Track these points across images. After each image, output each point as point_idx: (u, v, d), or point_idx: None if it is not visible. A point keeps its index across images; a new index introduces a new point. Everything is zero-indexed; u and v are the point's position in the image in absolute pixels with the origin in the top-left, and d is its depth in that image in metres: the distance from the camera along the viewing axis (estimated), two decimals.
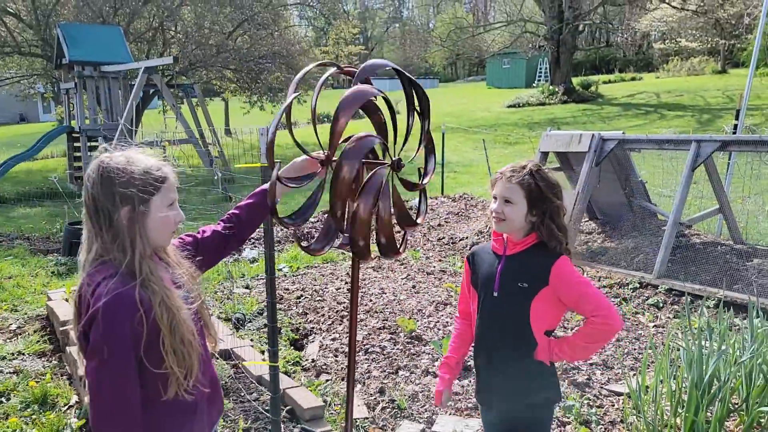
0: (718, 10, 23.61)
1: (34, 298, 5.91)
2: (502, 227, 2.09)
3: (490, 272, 2.13)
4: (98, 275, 1.53)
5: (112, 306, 1.47)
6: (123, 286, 1.50)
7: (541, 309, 2.04)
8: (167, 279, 1.62)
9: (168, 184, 1.62)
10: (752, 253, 5.90)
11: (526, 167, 2.06)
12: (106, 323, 1.46)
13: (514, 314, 2.07)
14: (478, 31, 35.16)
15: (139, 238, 1.56)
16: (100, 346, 1.46)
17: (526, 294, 2.04)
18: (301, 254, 7.00)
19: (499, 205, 2.06)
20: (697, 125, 17.12)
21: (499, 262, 2.12)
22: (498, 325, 2.11)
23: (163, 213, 1.61)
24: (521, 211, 2.04)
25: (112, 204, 1.54)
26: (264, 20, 20.56)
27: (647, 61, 42.48)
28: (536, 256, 2.05)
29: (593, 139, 6.29)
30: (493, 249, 2.17)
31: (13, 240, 8.52)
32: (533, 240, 2.08)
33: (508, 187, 2.05)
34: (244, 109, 24.40)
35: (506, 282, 2.08)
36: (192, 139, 12.38)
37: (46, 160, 20.25)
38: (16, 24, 18.47)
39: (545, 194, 2.04)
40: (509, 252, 2.11)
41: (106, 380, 1.48)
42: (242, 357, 4.09)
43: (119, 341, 1.47)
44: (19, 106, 37.97)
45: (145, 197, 1.56)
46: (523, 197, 2.04)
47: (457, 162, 14.75)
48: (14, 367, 4.31)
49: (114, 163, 1.56)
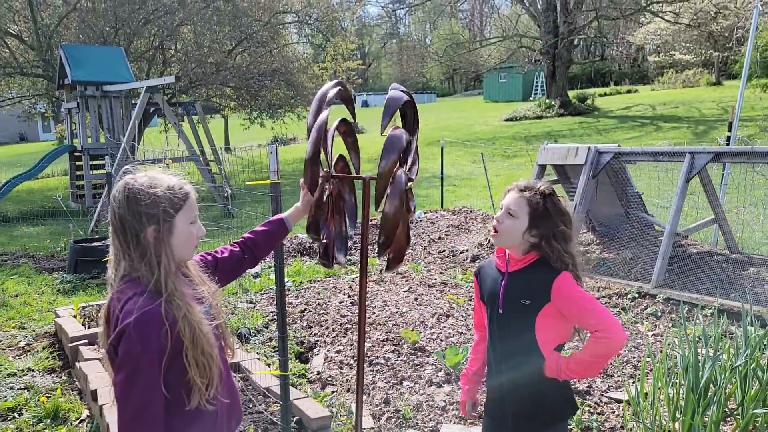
0: (711, 23, 23.92)
1: (42, 316, 5.99)
2: (497, 239, 2.10)
3: (494, 289, 2.14)
4: (127, 292, 1.61)
5: (141, 323, 1.54)
6: (150, 303, 1.58)
7: (546, 325, 2.04)
8: (189, 295, 1.70)
9: (190, 201, 1.71)
10: (748, 262, 6.00)
11: (540, 187, 2.07)
12: (134, 339, 1.54)
13: (520, 330, 2.08)
14: (475, 46, 35.49)
15: (164, 256, 1.64)
16: (129, 360, 1.55)
17: (529, 310, 2.04)
18: (303, 269, 7.09)
19: (501, 215, 2.06)
20: (693, 137, 17.29)
21: (502, 278, 2.12)
22: (506, 341, 2.12)
23: (187, 229, 1.70)
24: (521, 226, 2.03)
25: (138, 223, 1.62)
26: (263, 38, 20.79)
27: (642, 73, 42.88)
28: (538, 273, 2.05)
29: (590, 151, 6.42)
30: (497, 265, 2.18)
31: (18, 259, 8.60)
32: (534, 257, 2.07)
33: (515, 199, 2.05)
34: (244, 125, 24.59)
35: (510, 299, 2.09)
36: (194, 156, 12.51)
37: (47, 179, 20.38)
38: (18, 45, 18.67)
39: (550, 216, 2.03)
40: (511, 269, 2.11)
41: (133, 392, 1.56)
42: (250, 369, 4.17)
43: (147, 356, 1.55)
44: (20, 125, 38.19)
45: (169, 215, 1.65)
46: (527, 213, 2.03)
47: (456, 175, 14.89)
48: (25, 383, 4.38)
49: (138, 184, 1.64)
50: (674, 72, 34.57)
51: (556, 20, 26.50)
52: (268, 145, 2.73)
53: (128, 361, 1.55)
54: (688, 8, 23.70)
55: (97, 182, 14.01)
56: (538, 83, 36.57)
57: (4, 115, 28.92)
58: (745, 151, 5.57)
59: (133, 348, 1.54)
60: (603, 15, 26.11)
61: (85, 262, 7.32)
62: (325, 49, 28.66)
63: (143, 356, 1.55)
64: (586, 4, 26.88)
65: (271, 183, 2.62)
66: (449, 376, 4.13)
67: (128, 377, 1.56)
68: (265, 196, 2.74)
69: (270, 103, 21.75)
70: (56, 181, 19.53)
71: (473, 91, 54.69)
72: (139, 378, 1.56)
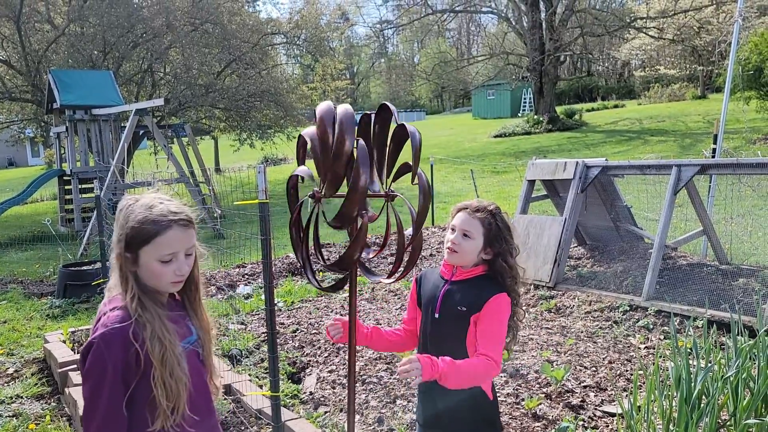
0: (695, 38, 24.31)
1: (30, 342, 5.92)
2: (454, 258, 2.18)
3: (433, 294, 2.23)
4: (110, 305, 1.67)
5: (106, 338, 1.58)
6: (122, 319, 1.61)
7: (472, 332, 2.14)
8: (172, 318, 1.70)
9: (163, 238, 1.64)
10: (737, 272, 6.04)
11: (489, 206, 2.19)
12: (99, 352, 1.57)
13: (453, 337, 2.17)
14: (462, 64, 35.85)
15: (130, 280, 1.66)
16: (93, 373, 1.58)
17: (463, 318, 2.14)
18: (295, 288, 7.07)
19: (457, 237, 2.16)
20: (679, 150, 17.47)
21: (443, 285, 2.22)
22: (437, 347, 2.19)
23: (152, 265, 1.65)
24: (477, 246, 2.15)
25: (113, 242, 1.68)
26: (252, 60, 20.92)
27: (629, 88, 43.43)
28: (481, 285, 2.16)
29: (578, 166, 6.47)
30: (441, 273, 2.27)
31: (6, 284, 8.52)
32: (481, 270, 2.19)
33: (470, 222, 2.15)
34: (234, 146, 24.61)
35: (447, 305, 2.18)
36: (184, 178, 12.50)
37: (37, 203, 20.26)
38: (7, 70, 18.69)
39: (503, 234, 2.16)
40: (455, 278, 2.21)
41: (96, 405, 1.59)
42: (241, 391, 4.13)
43: (110, 372, 1.57)
44: (8, 150, 38.07)
45: (131, 247, 1.65)
46: (482, 234, 2.15)
47: (446, 192, 14.94)
48: (13, 410, 4.32)
49: (126, 205, 1.68)
50: (660, 86, 35.04)
51: (542, 37, 26.85)
52: (258, 165, 2.73)
53: (92, 373, 1.58)
54: (672, 24, 24.08)
55: (86, 206, 13.94)
56: (526, 99, 36.92)
57: None
58: (730, 163, 5.63)
59: (98, 361, 1.57)
60: (588, 32, 26.48)
61: (74, 287, 7.26)
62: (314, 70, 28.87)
63: (106, 371, 1.57)
64: (572, 21, 27.27)
65: (259, 203, 2.63)
66: None
67: (92, 390, 1.59)
68: (255, 216, 2.74)
69: (260, 124, 21.84)
70: (45, 206, 19.42)
71: (462, 109, 55.10)
72: (102, 392, 1.58)
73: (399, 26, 33.82)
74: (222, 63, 20.84)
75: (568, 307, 5.83)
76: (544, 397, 3.96)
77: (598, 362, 4.54)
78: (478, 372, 2.03)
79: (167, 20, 17.96)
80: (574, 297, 5.97)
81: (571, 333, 5.18)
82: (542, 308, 5.87)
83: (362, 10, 72.30)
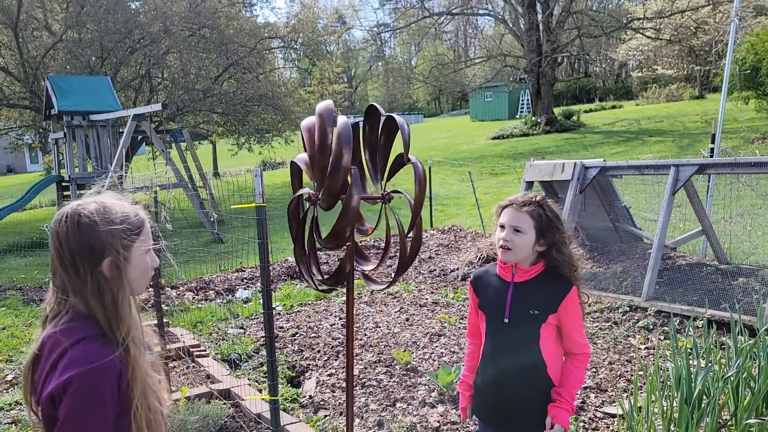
0: (692, 38, 24.33)
1: (29, 348, 5.89)
2: (509, 256, 2.14)
3: (499, 298, 2.19)
4: (75, 333, 1.41)
5: (93, 375, 1.35)
6: (106, 351, 1.39)
7: (546, 335, 2.14)
8: (140, 340, 1.52)
9: (146, 229, 1.54)
10: (736, 272, 6.04)
11: (535, 198, 2.16)
12: (85, 394, 1.34)
13: (526, 340, 2.15)
14: (459, 66, 35.88)
15: (122, 291, 1.46)
16: (77, 419, 1.34)
17: (536, 320, 2.12)
18: (294, 292, 7.06)
19: (508, 234, 2.11)
20: (678, 150, 17.48)
21: (508, 288, 2.18)
22: (510, 350, 2.18)
23: (143, 260, 1.52)
24: (530, 240, 2.11)
25: (91, 255, 1.42)
26: (249, 64, 20.94)
27: (626, 89, 43.48)
28: (547, 284, 2.14)
29: (576, 167, 6.47)
30: (500, 274, 2.22)
31: (5, 291, 8.50)
32: (541, 268, 2.16)
33: (519, 216, 2.12)
34: (232, 150, 24.61)
35: (517, 309, 2.15)
36: (182, 183, 12.50)
37: (35, 210, 20.24)
38: (5, 77, 18.69)
39: (554, 224, 2.12)
40: (518, 279, 2.17)
41: None
42: (240, 396, 4.12)
43: (99, 415, 1.37)
44: (7, 157, 38.07)
45: (126, 246, 1.47)
46: (533, 227, 2.11)
47: (444, 195, 14.93)
48: (12, 417, 4.30)
49: (88, 212, 1.45)
50: (657, 87, 35.08)
51: (539, 39, 26.86)
52: (254, 168, 2.73)
53: (77, 418, 1.34)
54: (669, 24, 24.11)
55: None
56: (523, 101, 36.95)
57: None
58: (728, 162, 5.63)
59: (83, 404, 1.34)
60: (585, 33, 26.51)
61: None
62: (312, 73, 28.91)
63: (95, 415, 1.35)
64: (569, 22, 27.30)
65: (256, 206, 2.62)
66: (442, 396, 4.10)
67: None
68: (253, 220, 2.73)
69: (257, 128, 21.86)
70: (44, 212, 19.40)
71: (460, 111, 55.15)
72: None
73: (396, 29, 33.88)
74: (219, 67, 20.85)
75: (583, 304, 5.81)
76: None
77: (598, 363, 4.53)
78: (582, 377, 2.17)
79: (164, 25, 17.98)
80: (588, 295, 5.95)
81: None
82: None
83: (359, 14, 72.43)
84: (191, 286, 7.65)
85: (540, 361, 2.14)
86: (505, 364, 2.19)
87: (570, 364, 2.15)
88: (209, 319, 6.26)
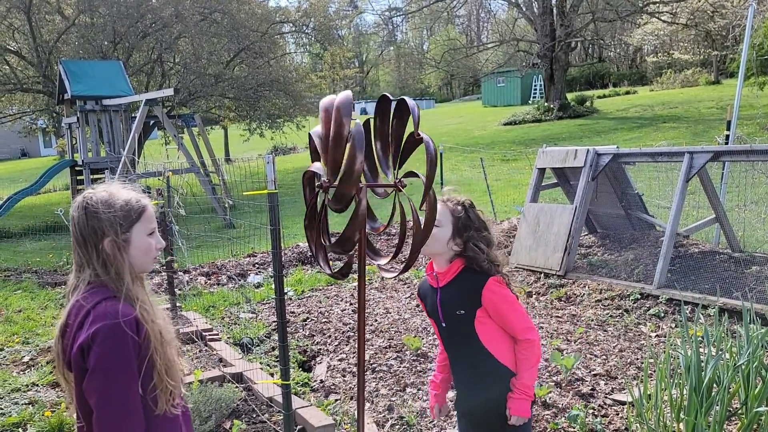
0: (708, 22, 23.99)
1: (45, 331, 5.99)
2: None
3: (433, 304, 2.26)
4: (95, 297, 1.64)
5: (118, 326, 1.57)
6: (126, 308, 1.62)
7: (486, 329, 2.17)
8: (152, 303, 1.75)
9: (147, 213, 1.75)
10: (750, 260, 5.99)
11: (461, 199, 2.21)
12: (111, 342, 1.56)
13: (465, 340, 2.20)
14: (472, 51, 35.61)
15: (127, 264, 1.69)
16: (106, 364, 1.56)
17: (467, 319, 2.16)
18: (305, 277, 7.10)
19: None
20: (692, 136, 17.29)
21: (436, 294, 2.24)
22: (456, 353, 2.26)
23: (145, 241, 1.74)
24: (445, 233, 2.15)
25: (96, 235, 1.67)
26: (260, 49, 20.91)
27: (641, 74, 42.98)
28: (466, 281, 2.17)
29: (588, 154, 6.43)
30: (430, 282, 2.29)
31: (21, 274, 8.62)
32: (459, 266, 2.19)
33: (441, 209, 2.16)
34: (244, 136, 24.64)
35: (448, 312, 2.21)
36: (194, 168, 12.56)
37: (49, 194, 20.44)
38: (18, 62, 18.79)
39: (472, 224, 2.16)
40: (442, 283, 2.22)
41: (113, 398, 1.57)
42: (252, 379, 4.17)
43: (125, 360, 1.57)
44: (21, 141, 38.38)
45: (125, 227, 1.70)
46: (450, 221, 2.16)
47: (455, 181, 14.89)
48: (29, 398, 4.39)
49: (96, 198, 1.71)
50: (673, 72, 34.63)
51: (552, 23, 26.58)
52: (266, 155, 2.74)
53: (105, 365, 1.56)
54: (685, 8, 23.77)
55: None
56: (536, 87, 36.63)
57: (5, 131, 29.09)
58: (743, 150, 5.57)
59: (111, 351, 1.56)
60: (600, 17, 26.17)
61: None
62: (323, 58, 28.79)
63: (121, 360, 1.57)
64: (583, 6, 26.98)
65: (268, 193, 2.64)
66: None
67: (106, 383, 1.56)
68: (265, 206, 2.75)
69: (269, 113, 21.85)
70: (58, 196, 19.59)
71: (472, 96, 54.77)
72: (117, 382, 1.56)
73: (408, 13, 33.59)
74: (231, 52, 20.84)
75: (578, 295, 5.81)
76: (554, 385, 3.96)
77: (608, 351, 4.53)
78: (533, 361, 2.15)
79: (176, 10, 17.96)
80: (585, 285, 5.95)
81: (582, 321, 5.18)
82: (552, 297, 5.86)
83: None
84: (203, 271, 7.72)
85: (486, 354, 2.17)
86: (457, 362, 2.28)
87: (518, 353, 2.17)
88: (221, 303, 6.32)
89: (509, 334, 2.19)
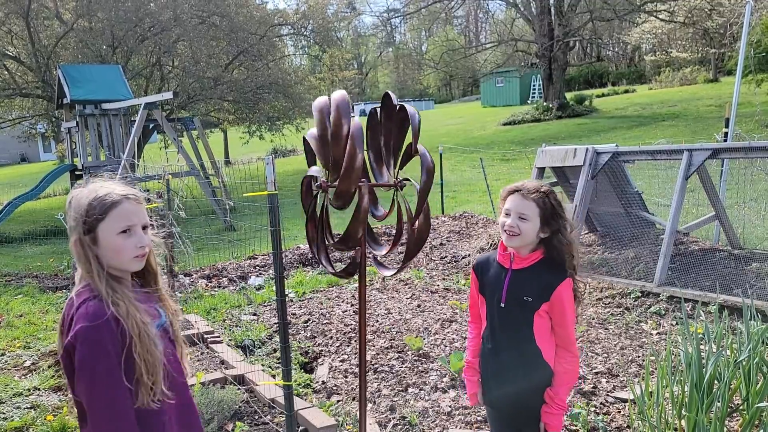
0: (706, 20, 23.98)
1: (46, 335, 5.99)
2: (514, 242, 2.20)
3: (497, 283, 2.26)
4: (82, 296, 1.67)
5: (92, 328, 1.59)
6: (100, 307, 1.62)
7: (542, 324, 2.21)
8: (140, 300, 1.74)
9: (117, 210, 1.69)
10: (750, 257, 6.00)
11: (542, 188, 2.21)
12: (89, 344, 1.58)
13: (519, 325, 2.22)
14: (470, 52, 35.64)
15: (94, 262, 1.67)
16: (87, 365, 1.58)
17: (530, 307, 2.18)
18: (306, 279, 7.10)
19: (514, 220, 2.17)
20: (691, 134, 17.30)
21: (506, 274, 2.24)
22: (505, 334, 2.26)
23: (114, 240, 1.69)
24: (534, 227, 2.17)
25: (70, 232, 1.70)
26: (259, 51, 20.92)
27: (639, 73, 43.00)
28: (542, 273, 2.19)
29: (587, 152, 6.43)
30: (500, 260, 2.29)
31: (21, 279, 8.63)
32: (539, 256, 2.21)
33: (525, 204, 2.17)
34: (244, 138, 24.63)
35: (513, 295, 2.21)
36: (194, 171, 12.56)
37: (50, 198, 20.43)
38: (17, 67, 18.80)
39: (557, 212, 2.18)
40: (516, 266, 2.23)
41: (98, 398, 1.60)
42: (254, 381, 4.17)
43: (105, 360, 1.59)
44: (20, 146, 38.37)
45: (88, 226, 1.67)
46: (538, 215, 2.16)
47: (455, 181, 14.90)
48: (31, 402, 4.39)
49: (74, 195, 1.72)
50: (671, 70, 34.64)
51: (551, 23, 26.58)
52: (266, 156, 2.75)
53: (88, 365, 1.58)
54: (683, 6, 23.77)
55: None
56: (535, 86, 36.64)
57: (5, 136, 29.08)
58: (742, 147, 5.58)
59: (91, 352, 1.58)
60: (598, 16, 26.17)
61: None
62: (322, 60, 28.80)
63: (102, 360, 1.59)
64: (581, 6, 26.98)
65: (268, 194, 2.64)
66: (454, 381, 4.13)
67: (92, 383, 1.59)
68: (265, 208, 2.76)
69: (268, 116, 21.86)
70: (58, 201, 19.58)
71: (471, 97, 54.77)
72: (102, 383, 1.59)
73: (406, 14, 33.60)
74: (230, 55, 20.85)
75: (579, 293, 5.81)
76: None
77: (609, 348, 4.54)
78: (573, 377, 2.21)
79: (175, 14, 17.99)
80: (585, 284, 5.96)
81: (583, 320, 5.18)
82: None
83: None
84: (204, 274, 7.72)
85: (534, 346, 2.20)
86: (501, 347, 2.27)
87: (561, 365, 2.20)
88: (222, 305, 6.32)
89: (555, 340, 2.23)
